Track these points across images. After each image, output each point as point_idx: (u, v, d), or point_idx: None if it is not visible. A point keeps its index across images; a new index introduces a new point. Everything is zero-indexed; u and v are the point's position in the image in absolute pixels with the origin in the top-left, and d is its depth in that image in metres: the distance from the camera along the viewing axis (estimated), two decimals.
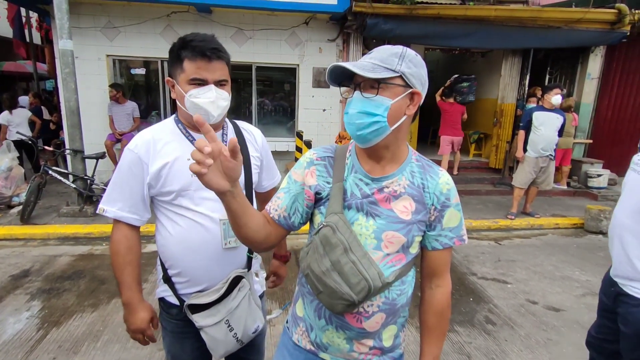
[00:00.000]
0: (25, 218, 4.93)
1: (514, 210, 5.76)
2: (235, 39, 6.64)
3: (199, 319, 1.34)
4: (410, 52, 1.03)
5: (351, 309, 1.03)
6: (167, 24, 6.48)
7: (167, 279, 1.41)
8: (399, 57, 1.00)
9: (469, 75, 8.34)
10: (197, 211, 1.34)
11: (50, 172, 5.18)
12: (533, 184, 5.55)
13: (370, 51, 1.05)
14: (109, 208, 1.34)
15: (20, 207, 5.09)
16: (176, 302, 1.40)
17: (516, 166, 5.74)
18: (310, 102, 7.18)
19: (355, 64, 0.98)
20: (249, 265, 1.46)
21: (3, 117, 6.83)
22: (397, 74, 0.98)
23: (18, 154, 6.04)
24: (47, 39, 8.02)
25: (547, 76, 7.99)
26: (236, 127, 1.50)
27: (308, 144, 6.49)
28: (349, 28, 6.67)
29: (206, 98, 1.28)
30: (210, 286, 1.37)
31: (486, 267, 4.27)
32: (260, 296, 1.57)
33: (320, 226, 1.05)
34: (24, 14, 8.56)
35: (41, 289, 3.48)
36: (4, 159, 5.57)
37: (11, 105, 6.97)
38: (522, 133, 5.48)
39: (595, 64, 7.51)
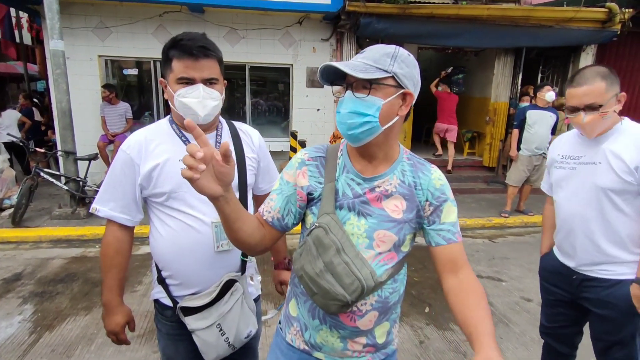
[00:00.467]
0: (17, 221, 4.88)
1: (508, 209, 5.80)
2: (228, 38, 6.61)
3: (191, 322, 1.33)
4: (403, 52, 1.03)
5: (345, 309, 1.04)
6: (160, 24, 6.43)
7: (161, 281, 1.40)
8: (391, 57, 0.99)
9: (462, 67, 8.66)
10: (189, 213, 1.32)
11: (42, 174, 5.12)
12: (527, 182, 5.59)
13: (363, 50, 1.05)
14: (101, 208, 1.35)
15: (12, 209, 5.03)
16: (170, 303, 1.39)
17: (509, 164, 5.78)
18: (304, 102, 7.17)
19: (348, 64, 0.97)
20: (242, 269, 1.44)
21: None
22: (389, 75, 0.98)
23: (9, 156, 5.98)
24: (38, 40, 7.94)
25: (540, 75, 8.05)
26: (232, 128, 1.48)
27: (302, 143, 6.48)
28: (343, 27, 6.67)
29: (193, 97, 1.26)
30: (203, 289, 1.36)
31: (481, 265, 4.29)
32: (256, 299, 1.56)
33: (313, 227, 1.04)
34: (14, 14, 8.46)
35: (33, 292, 3.44)
36: None
37: (1, 107, 6.89)
38: (515, 132, 5.52)
39: (586, 62, 7.57)
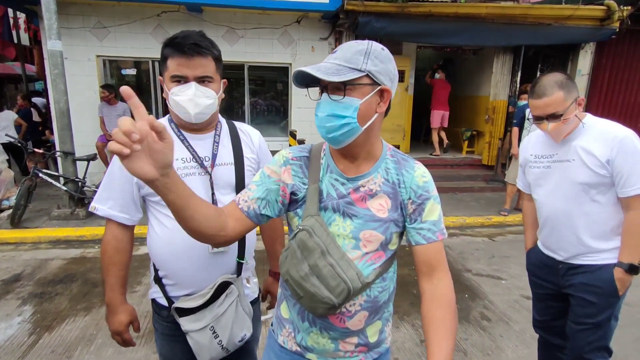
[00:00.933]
0: (16, 222, 4.87)
1: (507, 207, 5.80)
2: (226, 38, 6.60)
3: (185, 323, 1.33)
4: (376, 48, 0.99)
5: (333, 311, 1.03)
6: (158, 24, 6.42)
7: (158, 280, 1.40)
8: (364, 55, 0.96)
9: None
10: None
11: (40, 174, 5.10)
12: None
13: (335, 49, 1.01)
14: (100, 206, 1.34)
15: (11, 210, 5.02)
16: (166, 303, 1.39)
17: (509, 163, 5.77)
18: (303, 101, 7.16)
19: (319, 67, 0.95)
20: (238, 271, 1.42)
21: None
22: (364, 73, 0.95)
23: (7, 157, 5.96)
24: (36, 40, 7.91)
25: (538, 73, 8.04)
26: (232, 128, 1.47)
27: (301, 142, 6.48)
28: (341, 26, 6.67)
29: (185, 95, 1.25)
30: (197, 290, 1.35)
31: (480, 263, 4.30)
32: (254, 302, 1.54)
33: (297, 230, 1.03)
34: (12, 14, 8.43)
35: (33, 293, 3.44)
36: None
37: None
38: (515, 130, 5.52)
39: (585, 60, 7.59)
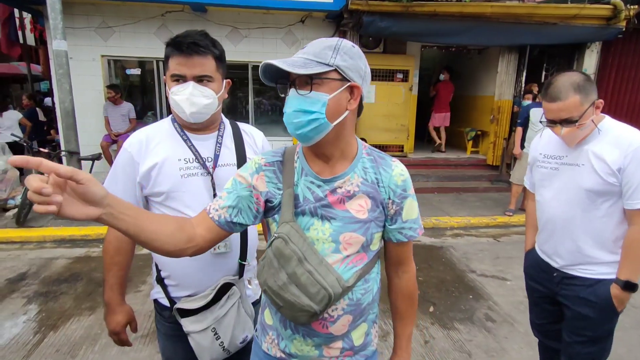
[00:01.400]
0: (21, 221, 4.89)
1: (512, 207, 5.76)
2: (230, 38, 6.60)
3: (186, 324, 1.32)
4: (347, 44, 0.97)
5: (315, 319, 1.00)
6: (162, 24, 6.44)
7: (160, 280, 1.40)
8: (333, 50, 0.94)
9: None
10: (186, 214, 1.31)
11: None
12: None
13: (304, 45, 1.00)
14: None
15: (16, 210, 5.05)
16: (168, 304, 1.39)
17: (514, 163, 5.74)
18: None
19: (286, 61, 0.93)
20: (240, 272, 1.42)
21: None
22: (332, 68, 0.93)
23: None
24: (41, 40, 7.95)
25: (544, 72, 7.99)
26: (235, 128, 1.47)
27: None
28: (345, 26, 6.64)
29: (183, 95, 1.25)
30: (199, 291, 1.35)
31: (485, 264, 4.27)
32: (255, 303, 1.53)
33: (272, 238, 0.99)
34: (17, 15, 8.47)
35: (38, 292, 3.45)
36: None
37: (1, 107, 6.94)
38: (519, 130, 5.49)
39: (591, 60, 7.52)
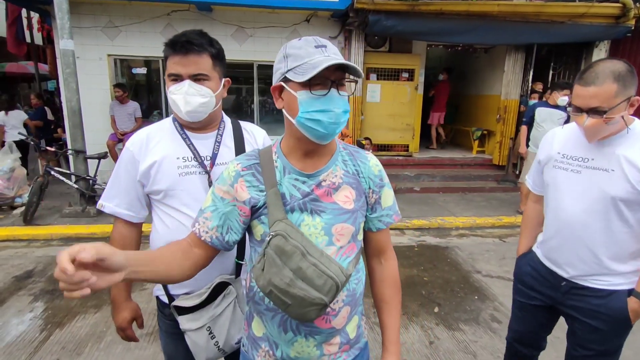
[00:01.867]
0: (28, 219, 4.93)
1: (524, 207, 5.71)
2: (236, 37, 6.61)
3: (183, 322, 1.33)
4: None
5: (323, 312, 1.00)
6: (168, 23, 6.45)
7: None
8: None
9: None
10: (184, 212, 1.32)
11: (52, 172, 5.17)
12: None
13: (324, 44, 0.98)
14: (107, 204, 1.37)
15: (23, 208, 5.09)
16: (168, 301, 1.40)
17: (520, 163, 5.70)
18: None
19: (348, 63, 0.96)
20: (237, 272, 1.41)
21: None
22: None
23: (20, 155, 6.05)
24: (49, 39, 8.01)
25: (551, 72, 7.92)
26: (236, 127, 1.47)
27: None
28: (351, 25, 6.62)
29: (179, 94, 1.26)
30: (195, 289, 1.35)
31: (491, 264, 4.24)
32: None
33: (269, 237, 0.98)
34: (25, 14, 8.55)
35: (44, 290, 3.48)
36: (6, 159, 5.58)
37: (8, 106, 7.01)
38: (524, 128, 5.48)
39: (599, 59, 7.44)
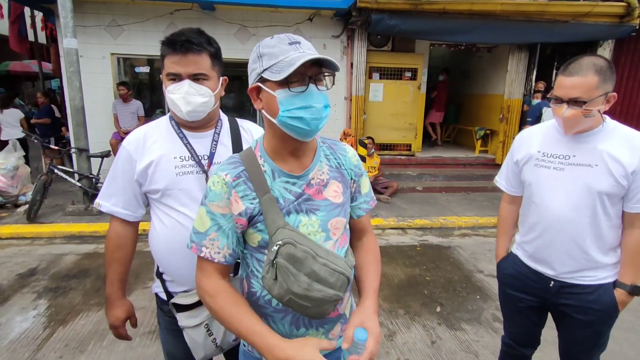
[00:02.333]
0: (32, 217, 4.96)
1: None
2: (238, 36, 6.62)
3: (181, 319, 1.34)
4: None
5: (337, 304, 1.05)
6: (171, 22, 6.46)
7: (159, 275, 1.42)
8: (323, 48, 0.97)
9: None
10: (181, 212, 1.32)
11: (56, 170, 5.20)
12: None
13: (298, 40, 0.97)
14: (104, 203, 1.37)
15: (27, 206, 5.12)
16: (167, 298, 1.40)
17: None
18: None
19: (322, 56, 0.94)
20: (235, 270, 1.40)
21: None
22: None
23: (24, 153, 6.08)
24: (52, 38, 8.04)
25: (554, 71, 7.89)
26: (233, 125, 1.46)
27: None
28: (354, 24, 6.62)
29: (179, 93, 1.26)
30: (194, 288, 1.34)
31: (493, 264, 4.19)
32: None
33: (277, 247, 0.97)
34: (29, 13, 8.58)
35: (48, 287, 3.50)
36: (10, 158, 5.60)
37: (4, 104, 7.03)
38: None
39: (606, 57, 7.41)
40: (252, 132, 1.50)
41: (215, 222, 1.02)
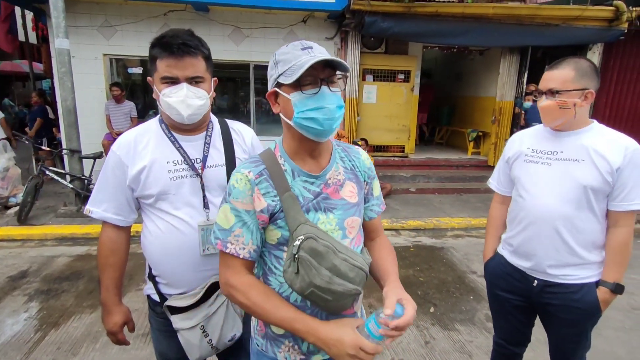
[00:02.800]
0: (23, 219, 4.90)
1: None
2: (232, 37, 6.61)
3: (176, 321, 1.34)
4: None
5: (355, 300, 1.08)
6: (164, 23, 6.44)
7: (152, 277, 1.41)
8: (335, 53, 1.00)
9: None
10: (176, 216, 1.31)
11: (47, 172, 5.14)
12: None
13: (310, 45, 1.03)
14: (95, 209, 1.35)
15: (18, 207, 5.05)
16: (160, 300, 1.40)
17: None
18: None
19: (334, 59, 0.99)
20: None
21: None
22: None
23: (14, 154, 6.00)
24: (44, 38, 7.95)
25: None
26: (224, 127, 1.45)
27: None
28: (347, 26, 6.65)
29: (177, 97, 1.25)
30: (189, 290, 1.35)
31: None
32: None
33: (299, 241, 0.99)
34: (20, 13, 8.48)
35: (39, 290, 3.46)
36: (0, 159, 5.54)
37: None
38: None
39: (593, 61, 7.52)
40: (243, 134, 1.49)
41: (239, 219, 1.05)
